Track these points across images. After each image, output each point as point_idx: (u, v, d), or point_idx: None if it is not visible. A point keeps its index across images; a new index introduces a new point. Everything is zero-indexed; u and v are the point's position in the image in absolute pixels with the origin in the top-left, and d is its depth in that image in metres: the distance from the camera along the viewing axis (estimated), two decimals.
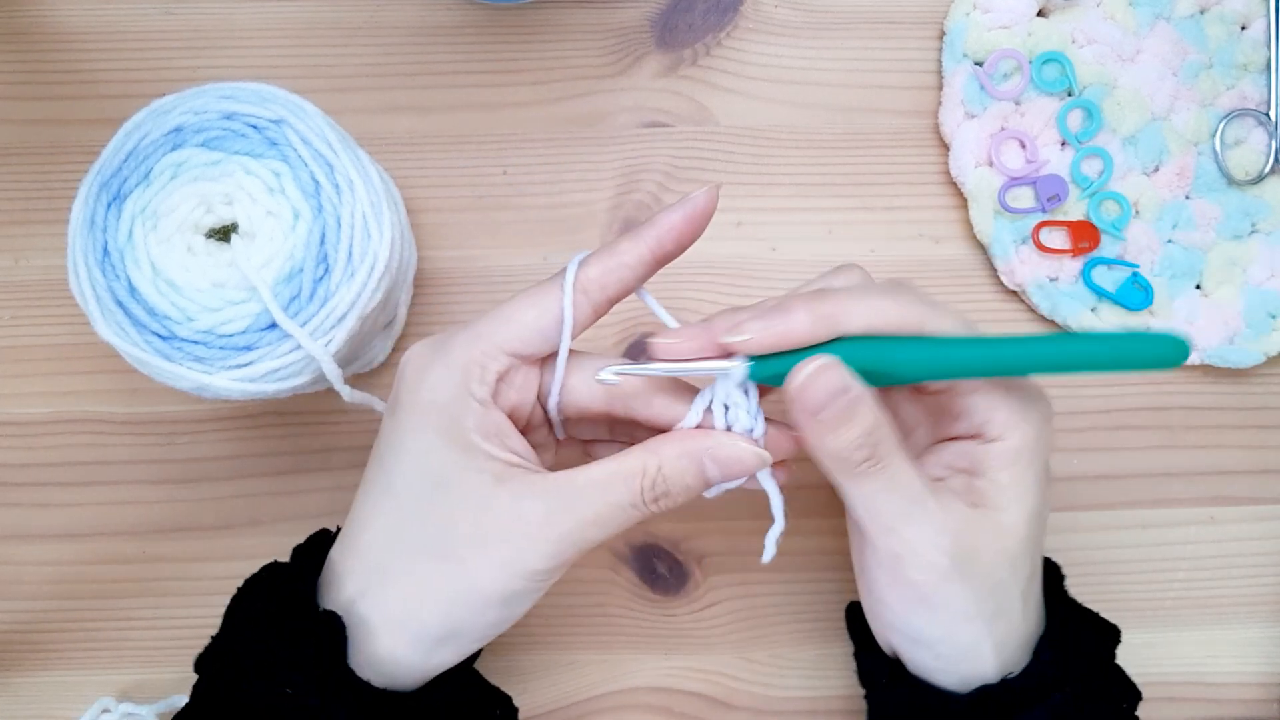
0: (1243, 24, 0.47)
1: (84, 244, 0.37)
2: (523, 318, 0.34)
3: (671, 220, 0.35)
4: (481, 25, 0.47)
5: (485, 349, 0.33)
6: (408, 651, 0.34)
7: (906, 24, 0.48)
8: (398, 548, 0.34)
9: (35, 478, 0.46)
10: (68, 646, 0.45)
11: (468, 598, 0.34)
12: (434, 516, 0.33)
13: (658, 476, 0.33)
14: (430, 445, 0.33)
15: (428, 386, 0.33)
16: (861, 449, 0.32)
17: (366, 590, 0.34)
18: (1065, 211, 0.47)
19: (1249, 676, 0.46)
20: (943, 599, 0.34)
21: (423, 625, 0.34)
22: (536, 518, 0.33)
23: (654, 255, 0.35)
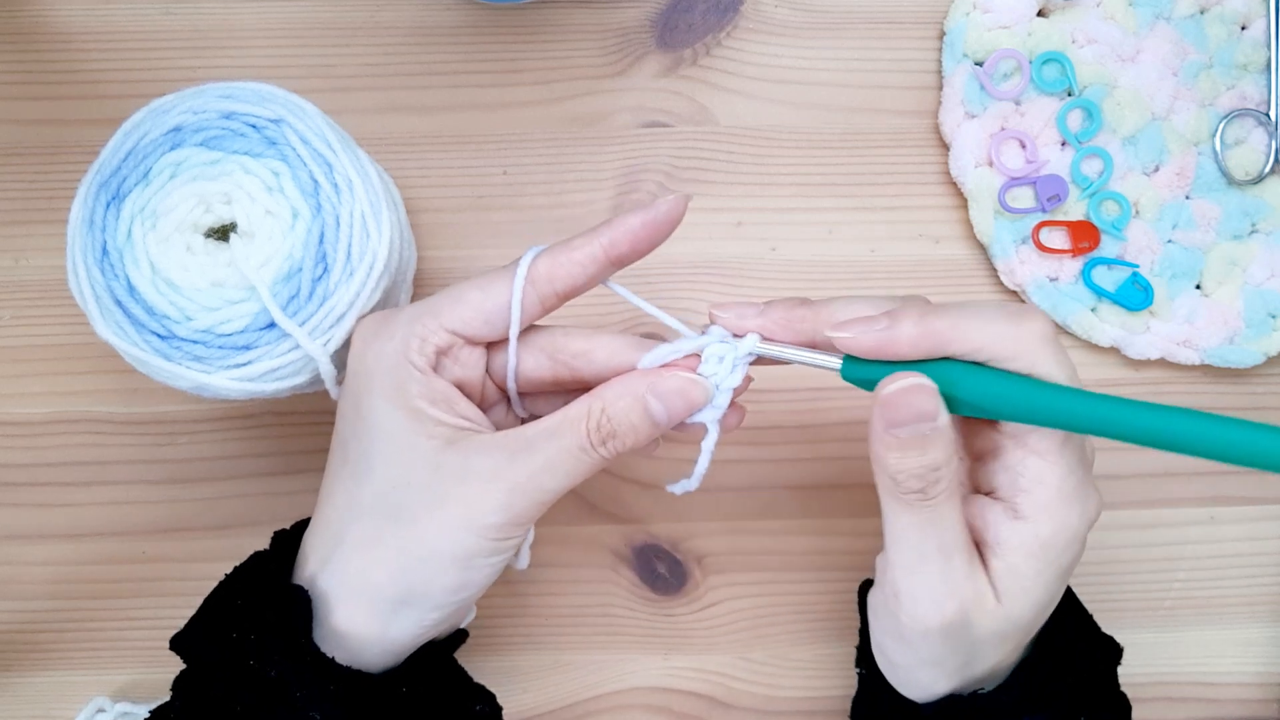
0: (1243, 24, 0.47)
1: (83, 243, 0.37)
2: (468, 298, 0.34)
3: (629, 224, 0.34)
4: (481, 25, 0.47)
5: (427, 323, 0.34)
6: (365, 620, 0.34)
7: (906, 24, 0.48)
8: (354, 515, 0.34)
9: (35, 478, 0.46)
10: (68, 646, 0.45)
11: (421, 558, 0.33)
12: (388, 481, 0.33)
13: (602, 417, 0.33)
14: (379, 409, 0.33)
15: (372, 354, 0.34)
16: (918, 480, 0.31)
17: (326, 560, 0.34)
18: (1065, 211, 0.46)
19: (1249, 676, 0.46)
20: (919, 643, 0.33)
21: (377, 588, 0.34)
22: (486, 470, 0.33)
23: (607, 256, 0.34)
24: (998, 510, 0.33)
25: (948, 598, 0.32)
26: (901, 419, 0.31)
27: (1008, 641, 0.34)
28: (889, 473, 0.31)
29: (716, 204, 0.47)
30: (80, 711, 0.43)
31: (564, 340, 0.35)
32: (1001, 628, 0.33)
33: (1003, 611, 0.32)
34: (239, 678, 0.33)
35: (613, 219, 0.34)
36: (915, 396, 0.30)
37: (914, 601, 0.32)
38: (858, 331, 0.32)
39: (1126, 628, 0.46)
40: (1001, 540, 0.32)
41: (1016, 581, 0.32)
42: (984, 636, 0.33)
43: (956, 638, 0.33)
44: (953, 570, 0.32)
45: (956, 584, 0.32)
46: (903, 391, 0.31)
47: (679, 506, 0.46)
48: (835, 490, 0.46)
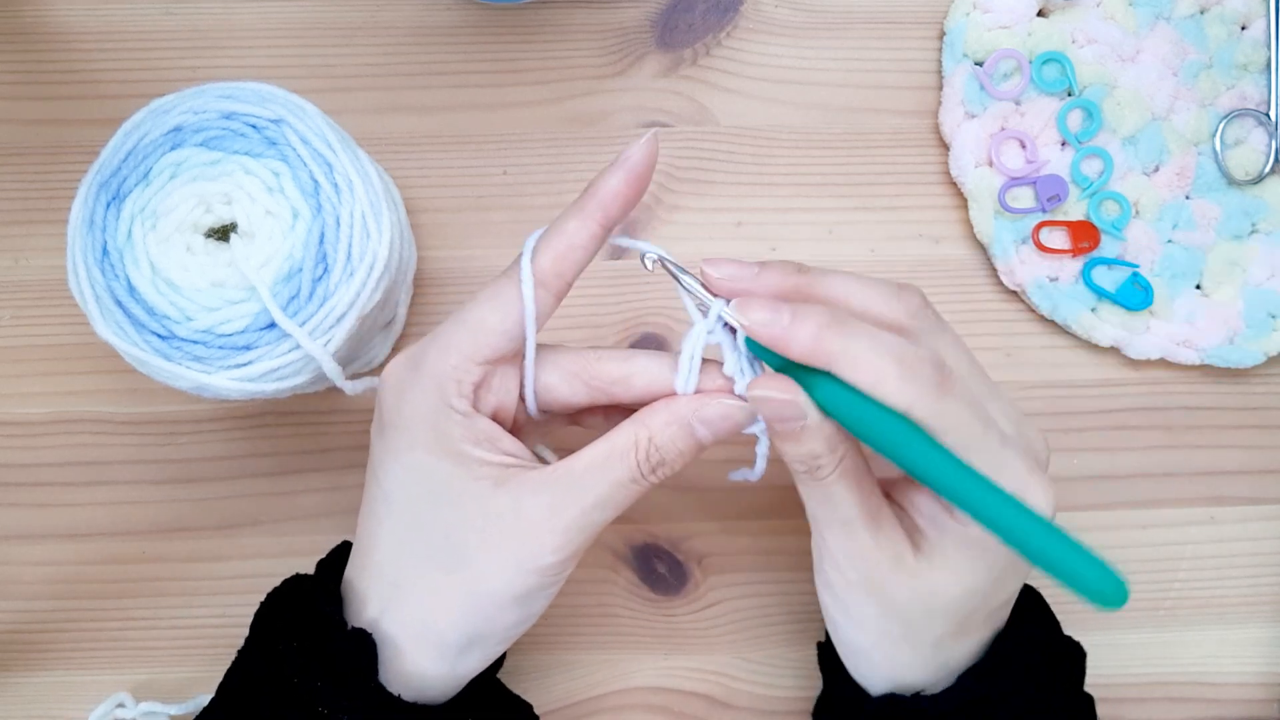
0: (1243, 24, 0.47)
1: (83, 244, 0.37)
2: (487, 323, 0.33)
3: (613, 187, 0.33)
4: (481, 25, 0.47)
5: (456, 362, 0.33)
6: (434, 663, 0.34)
7: (906, 24, 0.48)
8: (408, 563, 0.34)
9: (35, 478, 0.46)
10: (68, 646, 0.45)
11: (483, 602, 0.34)
12: (440, 529, 0.33)
13: (650, 447, 0.33)
14: (423, 462, 0.33)
15: (409, 404, 0.33)
16: (800, 464, 0.32)
17: (386, 607, 0.35)
18: (1065, 211, 0.46)
19: (1249, 676, 0.46)
20: (846, 600, 0.35)
21: (442, 636, 0.34)
22: (540, 512, 0.33)
23: (603, 228, 0.34)
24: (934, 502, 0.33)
25: (855, 562, 0.33)
26: (771, 416, 0.32)
27: (938, 618, 0.34)
28: (784, 456, 0.33)
29: (716, 204, 0.47)
30: (99, 706, 0.43)
31: (598, 366, 0.35)
32: (923, 599, 0.33)
33: (921, 580, 0.33)
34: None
35: (593, 185, 0.34)
36: (778, 403, 0.31)
37: (833, 560, 0.34)
38: (758, 322, 0.31)
39: (1126, 628, 0.46)
40: (940, 523, 0.33)
41: (946, 558, 0.33)
42: (906, 605, 0.33)
43: (880, 598, 0.34)
44: (857, 540, 0.33)
45: (862, 549, 0.33)
46: (766, 398, 0.32)
47: (679, 506, 0.46)
48: None
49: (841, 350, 0.31)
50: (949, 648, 0.35)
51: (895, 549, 0.33)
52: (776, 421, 0.32)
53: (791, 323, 0.31)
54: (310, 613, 0.35)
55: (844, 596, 0.35)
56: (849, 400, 0.31)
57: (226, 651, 0.45)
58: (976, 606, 0.34)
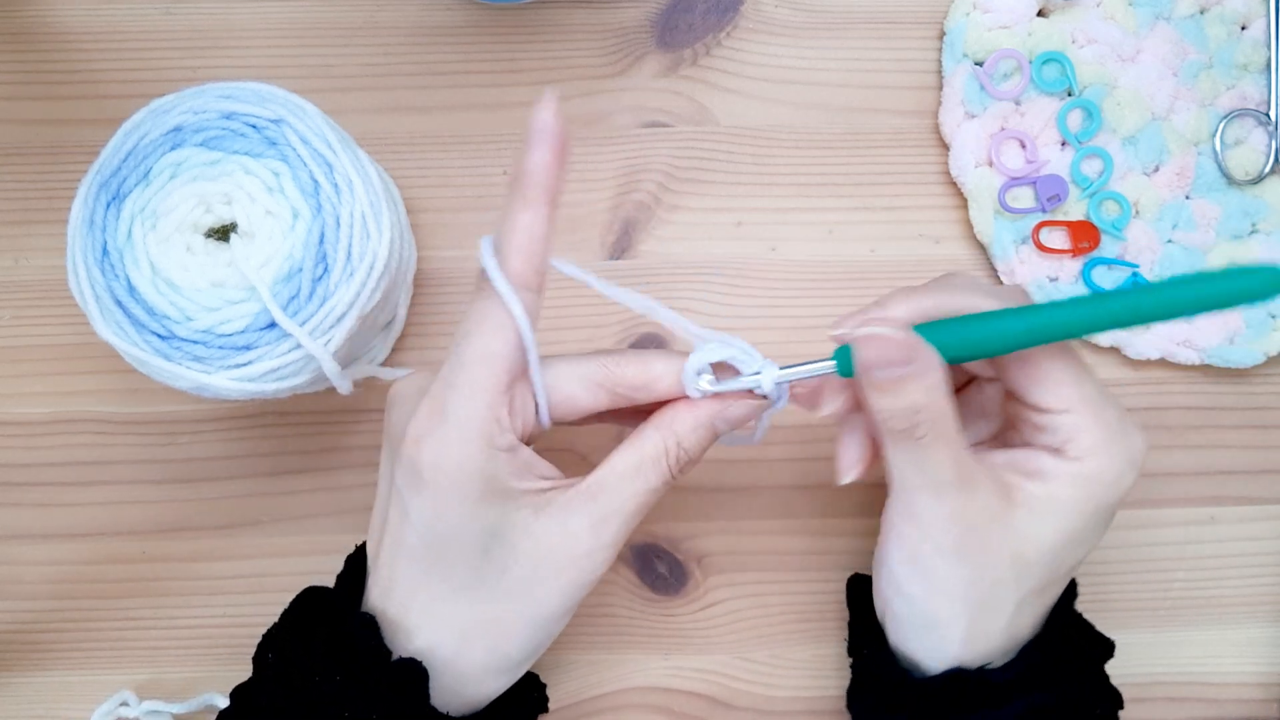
0: (1243, 24, 0.47)
1: (83, 244, 0.37)
2: (494, 351, 0.32)
3: (544, 162, 0.33)
4: (481, 25, 0.48)
5: (488, 400, 0.32)
6: (496, 680, 0.36)
7: (906, 24, 0.48)
8: (469, 601, 0.34)
9: (36, 478, 0.46)
10: (68, 646, 0.45)
11: (545, 626, 0.35)
12: (496, 567, 0.34)
13: (679, 451, 0.35)
14: (474, 510, 0.33)
15: (451, 458, 0.32)
16: (901, 420, 0.33)
17: (447, 640, 0.35)
18: (1065, 211, 0.47)
19: (1249, 676, 0.46)
20: (932, 568, 0.35)
21: (510, 657, 0.36)
22: (586, 533, 0.34)
23: (552, 207, 0.33)
24: (1041, 454, 0.35)
25: (952, 521, 0.34)
26: (872, 362, 0.32)
27: (1027, 572, 0.34)
28: (877, 414, 0.33)
29: (716, 204, 0.47)
30: (102, 704, 0.43)
31: (617, 371, 0.35)
32: (1019, 547, 0.34)
33: (1024, 529, 0.34)
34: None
35: (525, 169, 0.33)
36: (881, 340, 0.32)
37: (923, 525, 0.34)
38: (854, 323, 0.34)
39: (1127, 628, 0.46)
40: (1044, 469, 0.34)
41: (1049, 502, 0.34)
42: (1000, 558, 0.34)
43: (971, 560, 0.34)
44: (950, 499, 0.34)
45: (960, 510, 0.34)
46: (868, 338, 0.32)
47: (679, 506, 0.46)
48: (834, 490, 0.46)
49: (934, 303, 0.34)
50: (1027, 610, 0.35)
51: (992, 505, 0.34)
52: (880, 368, 0.32)
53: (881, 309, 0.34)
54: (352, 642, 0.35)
55: (931, 564, 0.35)
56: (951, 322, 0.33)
57: (227, 651, 0.46)
58: (1066, 557, 0.35)
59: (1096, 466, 0.34)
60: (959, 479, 0.33)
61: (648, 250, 0.47)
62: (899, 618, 0.37)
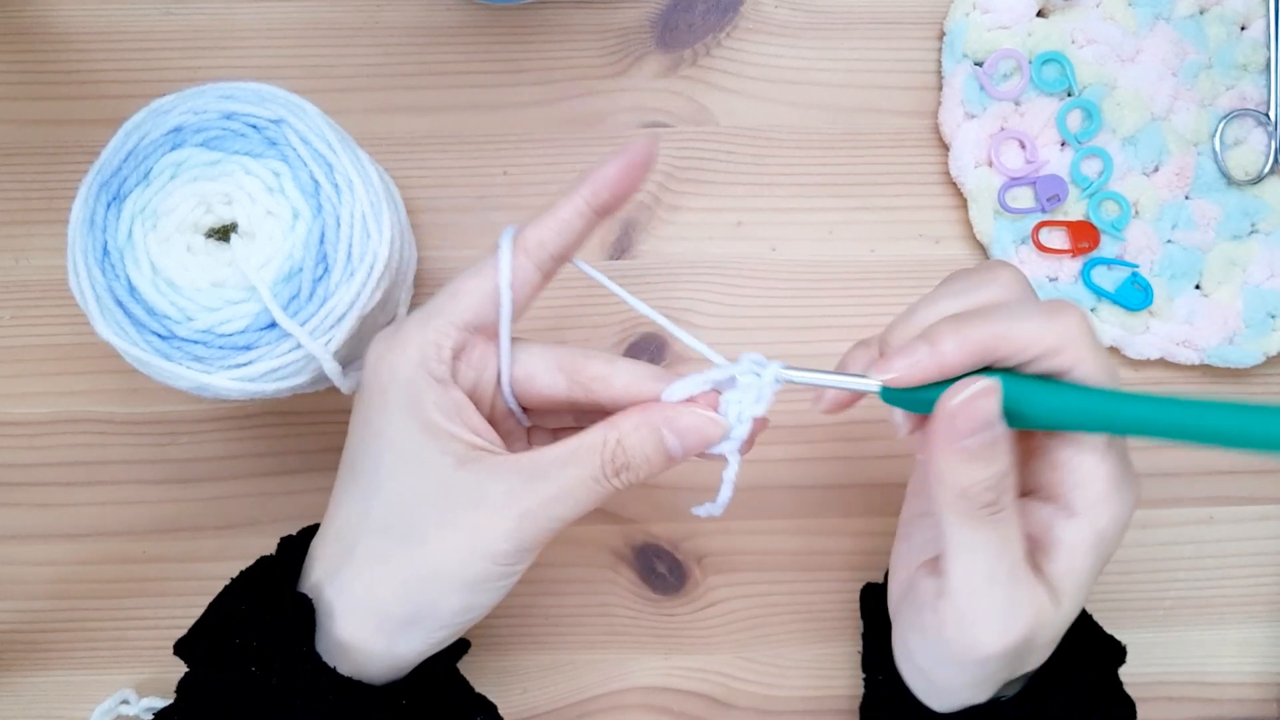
0: (1242, 24, 0.47)
1: (84, 244, 0.37)
2: (468, 288, 0.34)
3: (607, 173, 0.34)
4: (481, 25, 0.48)
5: (438, 326, 0.33)
6: (371, 635, 0.34)
7: (906, 24, 0.48)
8: (364, 530, 0.34)
9: (35, 478, 0.46)
10: (68, 646, 0.45)
11: (429, 579, 0.33)
12: (399, 498, 0.33)
13: (617, 448, 0.33)
14: (393, 426, 0.33)
15: (387, 368, 0.33)
16: (989, 492, 0.30)
17: (334, 573, 0.34)
18: (1065, 212, 0.47)
19: (1249, 676, 0.46)
20: (974, 668, 0.33)
21: (384, 607, 0.33)
22: (499, 497, 0.32)
23: (591, 208, 0.34)
24: (1050, 510, 0.32)
25: (1016, 620, 0.31)
26: (968, 429, 0.29)
27: (1054, 644, 0.33)
28: (959, 489, 0.30)
29: (716, 204, 0.47)
30: (103, 702, 0.43)
31: (583, 361, 0.35)
32: (1057, 633, 0.32)
33: (1061, 615, 0.32)
34: (240, 683, 0.33)
35: (589, 171, 0.34)
36: (978, 403, 0.29)
37: (980, 628, 0.31)
38: (904, 368, 0.31)
39: (1126, 628, 0.46)
40: (1059, 540, 0.32)
41: (1075, 580, 0.32)
42: (1040, 645, 0.32)
43: (1016, 655, 0.32)
44: (1019, 587, 0.31)
45: (1023, 603, 0.31)
46: (966, 403, 0.29)
47: (679, 506, 0.46)
48: (834, 490, 0.46)
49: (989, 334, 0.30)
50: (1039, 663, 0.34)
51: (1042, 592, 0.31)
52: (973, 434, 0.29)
53: (930, 349, 0.30)
54: (263, 581, 0.35)
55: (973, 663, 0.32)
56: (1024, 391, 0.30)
57: None
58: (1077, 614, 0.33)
59: (1106, 523, 0.31)
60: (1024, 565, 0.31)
61: (648, 250, 0.47)
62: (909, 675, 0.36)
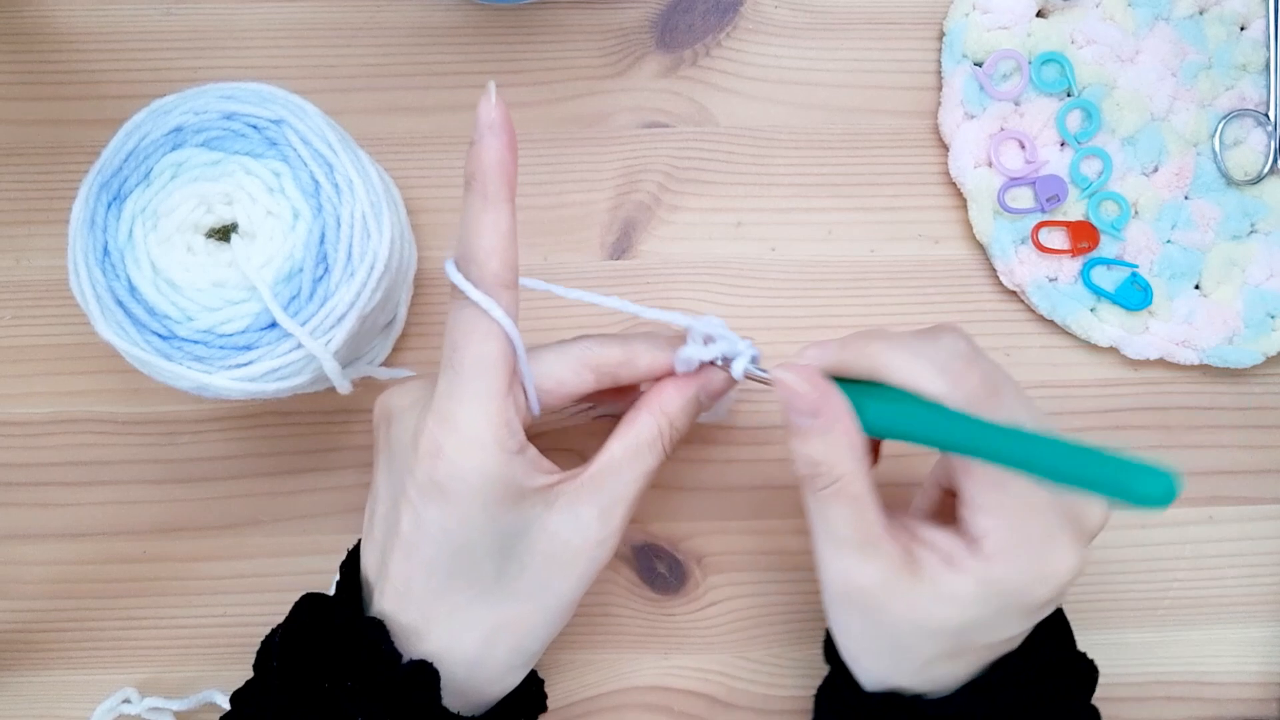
0: (1242, 24, 0.47)
1: (84, 244, 0.37)
2: (489, 357, 0.33)
3: (499, 157, 0.33)
4: (481, 25, 0.48)
5: (495, 407, 0.33)
6: (516, 677, 0.37)
7: (906, 24, 0.48)
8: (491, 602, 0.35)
9: (36, 478, 0.46)
10: (68, 646, 0.45)
11: (561, 617, 0.36)
12: (515, 567, 0.35)
13: (672, 430, 0.36)
14: (495, 514, 0.34)
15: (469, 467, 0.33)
16: (802, 466, 0.34)
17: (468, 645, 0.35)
18: (1064, 212, 0.47)
19: (1249, 676, 0.46)
20: (835, 610, 0.36)
21: (531, 654, 0.37)
22: (594, 523, 0.35)
23: (512, 204, 0.34)
24: (958, 541, 0.34)
25: (842, 576, 0.34)
26: (783, 404, 0.34)
27: (929, 641, 0.34)
28: (793, 455, 0.34)
29: (716, 204, 0.47)
30: (105, 701, 0.43)
31: (603, 351, 0.36)
32: (919, 618, 0.33)
33: (915, 606, 0.33)
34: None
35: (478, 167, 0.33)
36: (786, 389, 0.33)
37: (823, 569, 0.35)
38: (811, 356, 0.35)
39: (1126, 627, 0.46)
40: (955, 558, 0.33)
41: (950, 589, 0.33)
42: (894, 625, 0.34)
43: (862, 616, 0.34)
44: (844, 558, 0.34)
45: (849, 569, 0.34)
46: (787, 380, 0.34)
47: (679, 506, 0.46)
48: None
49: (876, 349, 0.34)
50: (940, 668, 0.35)
51: (889, 574, 0.34)
52: (790, 411, 0.34)
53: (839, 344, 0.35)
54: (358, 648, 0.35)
55: (830, 606, 0.36)
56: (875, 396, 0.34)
57: (227, 651, 0.46)
58: (974, 639, 0.34)
59: (1002, 573, 0.33)
60: (859, 540, 0.34)
61: (648, 250, 0.47)
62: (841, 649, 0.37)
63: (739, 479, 0.46)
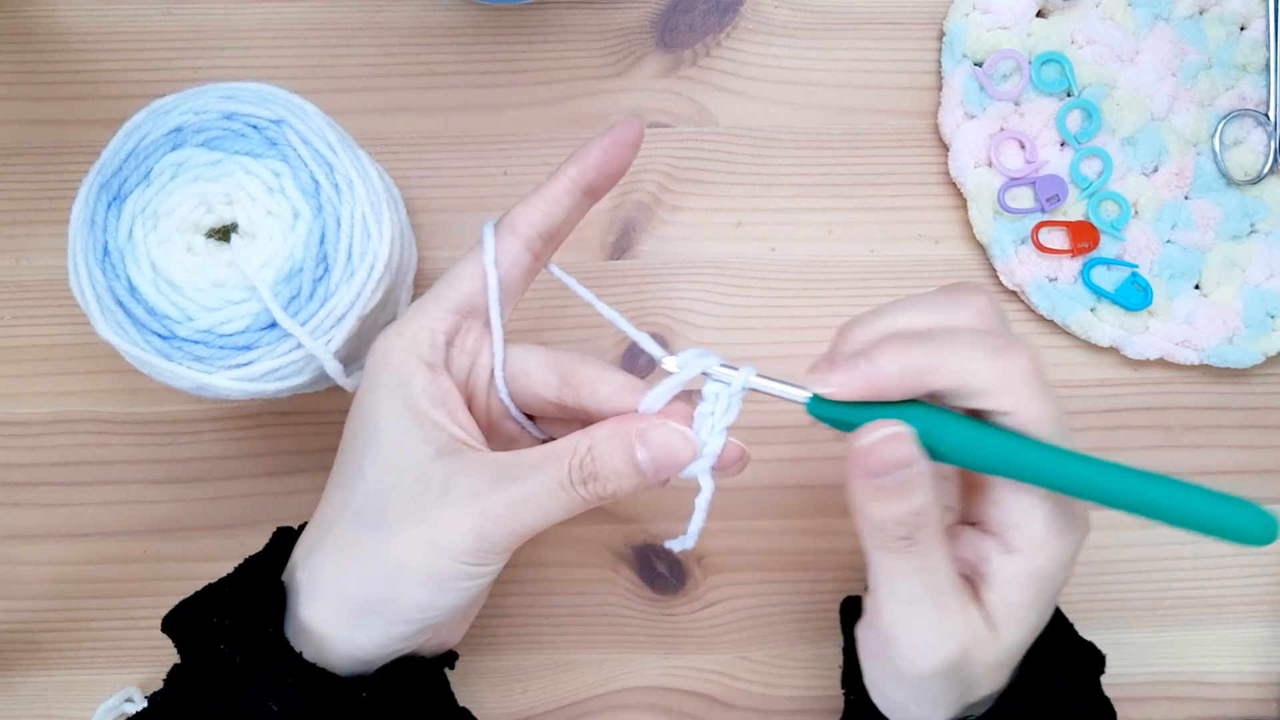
0: (1242, 24, 0.47)
1: (84, 244, 0.37)
2: (461, 273, 0.34)
3: (594, 151, 0.34)
4: (481, 25, 0.48)
5: (431, 311, 0.34)
6: (331, 620, 0.33)
7: (906, 24, 0.48)
8: (341, 515, 0.34)
9: (36, 478, 0.46)
10: (68, 646, 0.45)
11: (389, 571, 0.32)
12: (376, 484, 0.33)
13: (586, 456, 0.32)
14: (380, 410, 0.33)
15: (381, 352, 0.34)
16: (903, 527, 0.30)
17: (307, 556, 0.35)
18: (1064, 212, 0.47)
19: (1248, 676, 0.46)
20: (916, 685, 0.33)
21: (346, 593, 0.33)
22: (466, 492, 0.32)
23: (579, 187, 0.34)
24: (989, 544, 0.32)
25: (944, 640, 0.31)
26: (881, 468, 0.30)
27: (1003, 669, 0.33)
28: (874, 523, 0.31)
29: (716, 204, 0.47)
30: (107, 699, 0.43)
31: (578, 366, 0.35)
32: (998, 658, 0.32)
33: (1000, 643, 0.32)
34: (211, 661, 0.34)
35: (579, 154, 0.35)
36: (892, 445, 0.30)
37: (909, 646, 0.32)
38: (840, 383, 0.31)
39: (1126, 628, 0.46)
40: (995, 573, 0.32)
41: (1011, 611, 0.32)
42: (982, 670, 0.33)
43: (955, 675, 0.32)
44: (945, 611, 0.31)
45: (950, 625, 0.31)
46: (879, 442, 0.30)
47: (679, 506, 0.46)
48: (834, 490, 0.46)
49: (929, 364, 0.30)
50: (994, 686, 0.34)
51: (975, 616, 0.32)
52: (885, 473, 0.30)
53: (871, 368, 0.30)
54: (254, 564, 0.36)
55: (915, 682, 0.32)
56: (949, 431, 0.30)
57: None
58: (1031, 641, 0.33)
59: (1042, 562, 0.31)
60: (948, 588, 0.31)
61: (648, 250, 0.47)
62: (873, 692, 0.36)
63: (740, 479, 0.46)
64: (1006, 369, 0.30)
